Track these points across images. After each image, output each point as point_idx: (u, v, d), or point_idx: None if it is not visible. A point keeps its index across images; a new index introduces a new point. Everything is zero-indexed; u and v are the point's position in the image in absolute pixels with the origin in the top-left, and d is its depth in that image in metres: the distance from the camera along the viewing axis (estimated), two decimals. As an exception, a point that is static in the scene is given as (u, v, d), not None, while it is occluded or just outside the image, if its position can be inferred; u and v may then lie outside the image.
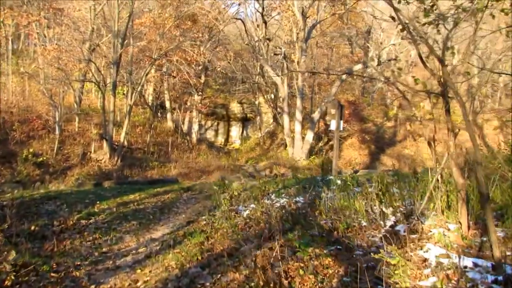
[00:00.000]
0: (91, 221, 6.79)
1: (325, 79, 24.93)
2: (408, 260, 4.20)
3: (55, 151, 18.73)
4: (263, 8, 21.34)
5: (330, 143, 23.75)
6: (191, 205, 7.66)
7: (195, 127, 26.41)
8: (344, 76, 21.33)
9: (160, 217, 7.10)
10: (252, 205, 7.32)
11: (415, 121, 24.20)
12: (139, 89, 20.59)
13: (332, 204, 6.45)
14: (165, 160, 21.00)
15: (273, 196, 7.86)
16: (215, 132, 34.68)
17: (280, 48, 21.42)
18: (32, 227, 6.15)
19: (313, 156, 21.94)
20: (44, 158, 18.25)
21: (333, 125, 9.48)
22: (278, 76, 22.84)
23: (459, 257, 3.82)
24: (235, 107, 35.03)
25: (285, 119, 22.16)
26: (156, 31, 21.47)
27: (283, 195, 7.90)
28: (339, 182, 8.88)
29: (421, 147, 22.57)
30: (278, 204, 7.33)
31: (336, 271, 4.04)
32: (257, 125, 32.27)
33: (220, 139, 34.31)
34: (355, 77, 25.06)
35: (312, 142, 21.72)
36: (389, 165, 21.01)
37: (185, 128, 27.28)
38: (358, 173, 11.60)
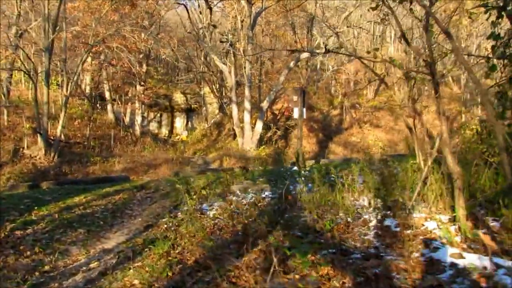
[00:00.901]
0: (28, 231, 5.63)
1: (272, 68, 24.42)
2: (414, 262, 3.64)
3: (-20, 148, 16.62)
4: (208, -7, 20.25)
5: (279, 132, 23.36)
6: (147, 206, 6.68)
7: (138, 119, 24.89)
8: (291, 64, 20.88)
9: (112, 222, 6.07)
10: (217, 203, 6.52)
11: (359, 108, 24.50)
12: (75, 78, 18.78)
13: (311, 199, 5.80)
14: (107, 154, 19.45)
15: (238, 192, 7.09)
16: (158, 124, 33.16)
17: (226, 36, 20.49)
18: (-49, 245, 4.93)
19: (263, 146, 21.39)
20: (-32, 156, 16.10)
21: (296, 113, 8.87)
22: (225, 64, 21.95)
23: (482, 258, 3.29)
24: (178, 98, 33.69)
25: (234, 109, 21.36)
26: (91, 16, 19.66)
27: (249, 189, 7.15)
28: (305, 173, 8.30)
29: (366, 134, 22.81)
30: (246, 201, 6.58)
31: (341, 283, 3.37)
32: (203, 115, 31.24)
33: (164, 131, 32.88)
34: (299, 65, 24.72)
35: (261, 132, 21.14)
36: (338, 153, 21.01)
37: (127, 120, 25.64)
38: (319, 163, 11.17)
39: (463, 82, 24.04)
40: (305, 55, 20.80)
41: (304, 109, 9.04)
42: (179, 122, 34.32)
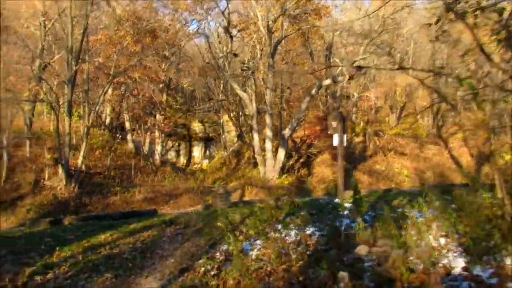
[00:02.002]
0: (49, 276, 4.89)
1: (291, 96, 23.89)
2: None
3: (2, 179, 16.13)
4: (228, 23, 20.00)
5: (301, 160, 22.52)
6: (179, 244, 5.91)
7: (158, 148, 24.35)
8: (313, 91, 20.28)
9: (142, 264, 5.30)
10: (259, 241, 5.71)
11: (383, 136, 23.63)
12: (96, 109, 18.44)
13: (369, 238, 4.97)
14: (128, 184, 18.81)
15: (280, 227, 6.28)
16: (176, 153, 32.62)
17: (247, 64, 20.09)
18: (-38, 295, 4.21)
19: (285, 175, 20.54)
20: (-10, 188, 15.62)
21: (335, 140, 8.14)
22: (245, 92, 21.48)
23: None
24: (196, 127, 33.28)
25: (255, 137, 20.70)
26: (113, 48, 19.50)
27: (290, 225, 6.34)
28: (347, 205, 7.48)
29: (391, 162, 21.85)
30: (290, 239, 5.76)
31: None
32: (221, 144, 30.60)
33: (182, 160, 32.30)
34: (319, 93, 24.12)
35: (283, 160, 20.35)
36: (363, 181, 20.05)
37: (146, 149, 25.13)
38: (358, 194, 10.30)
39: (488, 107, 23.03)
40: (327, 81, 20.22)
41: (345, 136, 8.31)
42: (197, 151, 33.78)
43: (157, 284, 4.76)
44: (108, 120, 24.86)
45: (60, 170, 16.89)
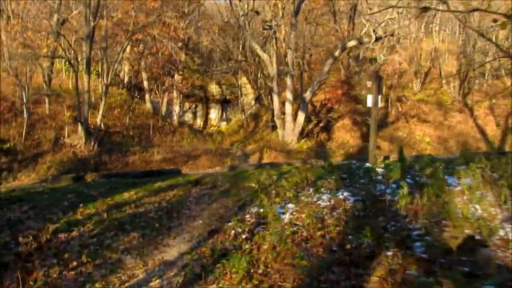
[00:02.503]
0: (73, 234, 4.66)
1: (314, 57, 23.03)
2: None
3: (23, 136, 16.06)
4: (251, -22, 19.02)
5: (321, 124, 22.00)
6: (206, 205, 5.63)
7: (176, 109, 24.00)
8: (337, 53, 19.46)
9: (169, 225, 5.04)
10: (291, 205, 5.38)
11: (405, 102, 22.81)
12: (115, 66, 18.02)
13: (416, 206, 4.58)
14: (146, 144, 18.66)
15: (311, 191, 5.93)
16: (193, 115, 32.34)
17: (269, 23, 19.25)
18: (-15, 251, 4.00)
19: (305, 139, 20.12)
20: (12, 144, 15.57)
21: (369, 101, 7.61)
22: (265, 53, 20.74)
23: None
24: (214, 89, 32.75)
25: (275, 99, 20.17)
26: (131, 4, 18.79)
27: (322, 189, 5.98)
28: (380, 170, 7.07)
29: (413, 128, 21.17)
30: (323, 203, 5.41)
31: None
32: (239, 106, 30.08)
33: (199, 122, 32.04)
34: (341, 55, 23.17)
35: (303, 124, 19.86)
36: (384, 148, 19.52)
37: (164, 110, 24.82)
38: (389, 159, 9.89)
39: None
40: (352, 43, 19.31)
41: (380, 97, 7.76)
42: (214, 113, 33.42)
43: (186, 246, 4.49)
44: (126, 79, 24.47)
45: (79, 128, 16.74)
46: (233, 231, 4.73)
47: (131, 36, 17.75)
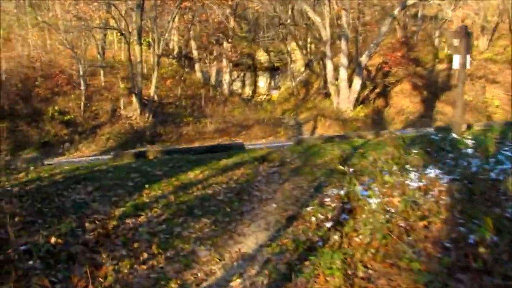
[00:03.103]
0: (141, 220, 4.26)
1: (370, 18, 21.39)
2: None
3: (82, 108, 16.26)
4: None
5: (377, 90, 20.67)
6: (277, 185, 5.06)
7: (226, 78, 23.43)
8: (396, 11, 17.84)
9: (241, 209, 4.52)
10: (375, 186, 4.67)
11: (471, 61, 20.77)
12: (166, 36, 17.59)
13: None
14: (199, 115, 18.38)
15: (394, 168, 5.17)
16: (241, 83, 31.69)
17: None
18: (52, 240, 3.66)
19: (360, 106, 18.98)
20: (72, 116, 15.83)
21: (456, 62, 6.61)
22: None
23: None
24: (261, 56, 31.79)
25: (329, 64, 19.04)
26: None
27: (406, 166, 5.20)
28: (469, 142, 6.14)
29: (480, 91, 19.33)
30: (412, 184, 4.65)
31: None
32: (288, 74, 29.00)
33: (248, 91, 31.40)
34: (398, 14, 21.32)
35: (359, 90, 18.68)
36: (446, 113, 17.98)
37: (213, 79, 24.34)
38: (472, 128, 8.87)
39: None
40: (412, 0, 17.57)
41: (469, 57, 6.72)
42: (262, 81, 32.59)
43: (264, 235, 3.95)
44: (176, 49, 24.10)
45: (134, 99, 16.67)
46: (313, 218, 4.13)
47: (181, 3, 17.12)
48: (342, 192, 4.60)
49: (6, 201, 4.54)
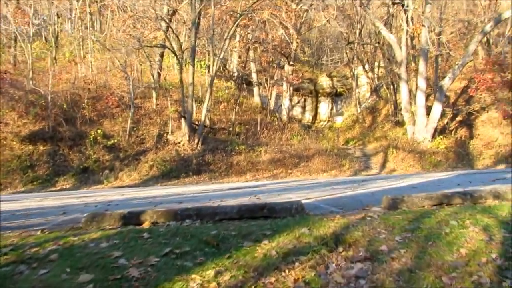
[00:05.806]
0: None
1: (458, 34, 17.85)
2: None
3: (127, 132, 14.43)
4: None
5: (458, 118, 16.92)
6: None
7: (286, 102, 20.83)
8: (488, 27, 14.30)
9: None
10: None
11: None
12: (221, 55, 15.47)
13: None
14: (253, 142, 15.83)
15: None
16: (302, 109, 29.00)
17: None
18: None
19: (440, 137, 15.37)
20: (115, 140, 14.00)
21: None
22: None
23: None
24: (324, 81, 28.97)
25: (403, 88, 15.77)
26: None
27: None
28: None
29: None
30: None
31: None
32: (352, 99, 25.78)
33: (308, 117, 28.61)
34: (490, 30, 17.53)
35: (438, 118, 15.16)
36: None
37: (272, 104, 21.85)
38: None
39: None
40: (509, 13, 13.96)
41: None
42: (324, 107, 29.66)
43: None
44: (234, 71, 22.05)
45: (183, 123, 14.59)
46: None
47: (239, 20, 14.95)
48: None
49: None
